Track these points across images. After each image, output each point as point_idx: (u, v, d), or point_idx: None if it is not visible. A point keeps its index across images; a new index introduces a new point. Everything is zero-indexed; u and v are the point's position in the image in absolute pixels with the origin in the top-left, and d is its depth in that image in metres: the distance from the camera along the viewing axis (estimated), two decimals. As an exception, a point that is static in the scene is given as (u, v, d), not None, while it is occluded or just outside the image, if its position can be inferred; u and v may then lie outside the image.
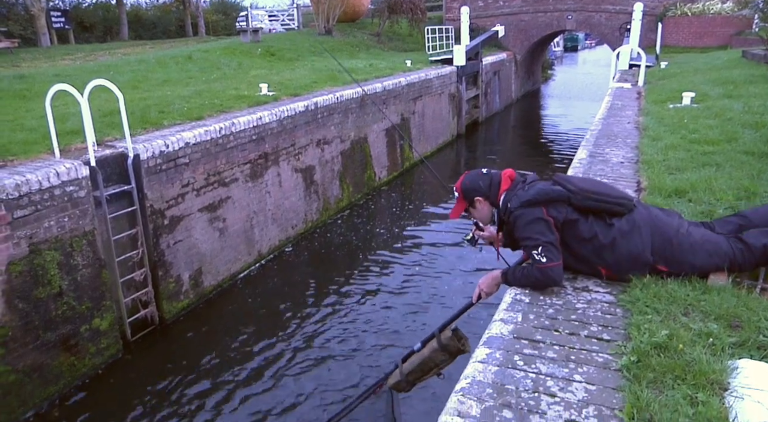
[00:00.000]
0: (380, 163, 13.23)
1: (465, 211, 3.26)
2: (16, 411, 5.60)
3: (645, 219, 2.93)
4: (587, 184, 2.97)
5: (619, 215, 2.92)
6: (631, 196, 3.03)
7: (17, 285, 5.60)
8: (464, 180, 3.23)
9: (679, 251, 2.89)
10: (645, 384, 2.13)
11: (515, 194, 2.99)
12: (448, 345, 3.53)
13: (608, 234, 2.89)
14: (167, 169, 7.25)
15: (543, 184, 3.00)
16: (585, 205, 2.89)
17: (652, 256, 2.90)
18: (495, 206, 3.13)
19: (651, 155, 5.72)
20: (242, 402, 6.00)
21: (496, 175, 3.17)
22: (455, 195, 3.27)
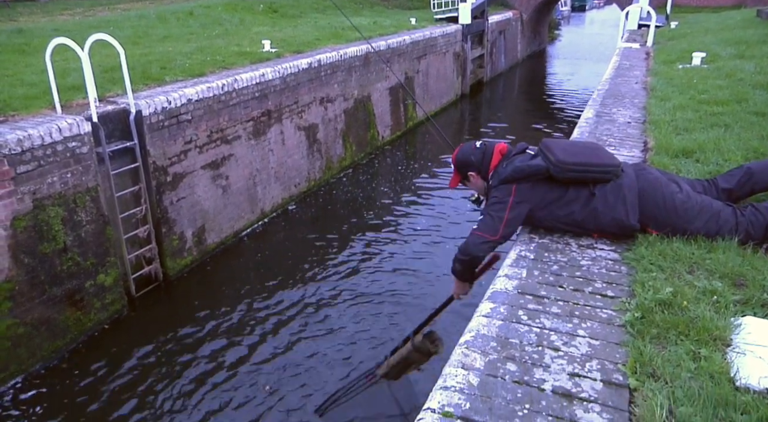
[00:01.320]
0: (384, 122, 13.12)
1: (460, 182, 3.28)
2: (26, 362, 5.71)
3: (632, 185, 2.89)
4: (571, 154, 2.89)
5: (604, 181, 2.89)
6: (618, 161, 2.95)
7: (22, 240, 5.63)
8: (458, 154, 3.23)
9: (674, 216, 2.87)
10: (648, 339, 2.14)
11: (497, 172, 3.01)
12: (421, 347, 3.83)
13: (588, 204, 2.88)
14: (169, 126, 7.19)
15: (521, 159, 2.97)
16: (565, 176, 2.85)
17: (641, 221, 2.89)
18: (486, 181, 3.14)
19: (658, 115, 5.64)
20: (244, 357, 6.09)
21: (489, 149, 3.14)
22: (452, 167, 3.29)
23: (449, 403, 1.77)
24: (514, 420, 1.72)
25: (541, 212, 2.96)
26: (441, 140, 12.45)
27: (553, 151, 2.90)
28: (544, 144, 3.01)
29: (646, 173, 3.02)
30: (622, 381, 1.93)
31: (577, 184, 2.89)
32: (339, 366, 5.92)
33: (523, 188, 2.89)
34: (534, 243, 2.95)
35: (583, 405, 1.80)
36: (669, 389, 1.87)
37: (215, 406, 5.42)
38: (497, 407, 1.76)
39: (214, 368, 5.94)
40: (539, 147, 3.04)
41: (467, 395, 1.81)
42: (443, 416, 1.71)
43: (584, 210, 2.90)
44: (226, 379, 5.77)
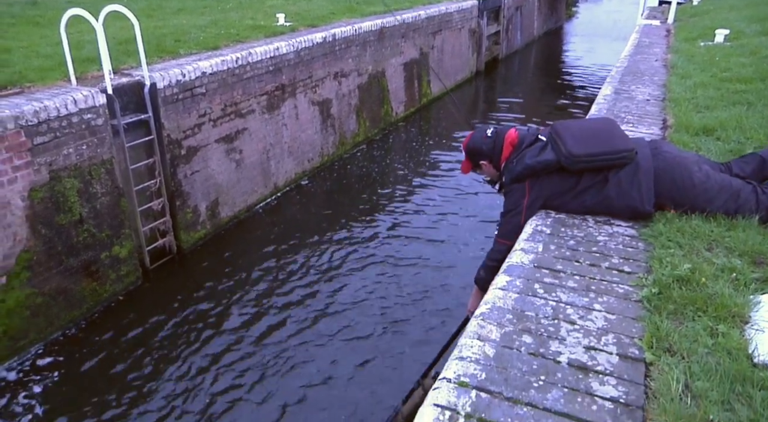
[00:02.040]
0: (398, 98, 13.02)
1: (472, 169, 3.27)
2: (44, 331, 5.81)
3: (647, 167, 2.84)
4: (582, 143, 2.84)
5: (619, 167, 2.84)
6: (632, 144, 2.89)
7: (40, 211, 5.69)
8: (469, 142, 3.20)
9: (692, 196, 2.84)
10: (665, 315, 2.13)
11: (508, 168, 2.99)
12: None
13: (601, 191, 2.86)
14: (184, 99, 7.18)
15: (531, 153, 2.92)
16: (577, 167, 2.83)
17: (659, 202, 2.86)
18: (498, 170, 3.12)
19: (678, 93, 5.56)
20: (257, 329, 6.16)
21: (500, 138, 3.09)
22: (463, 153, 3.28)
23: (465, 373, 1.77)
24: (529, 391, 1.72)
25: (555, 202, 2.96)
26: (459, 116, 12.33)
27: (564, 139, 2.85)
28: (555, 130, 2.95)
29: (663, 153, 2.96)
30: (638, 356, 1.93)
31: (590, 171, 2.86)
32: (352, 338, 5.97)
33: (536, 184, 2.90)
34: (550, 218, 2.93)
35: (599, 378, 1.80)
36: (686, 364, 1.87)
37: (227, 377, 5.49)
38: (513, 378, 1.77)
39: (227, 339, 6.01)
40: (550, 133, 2.97)
41: (483, 366, 1.81)
42: (459, 386, 1.72)
43: (597, 197, 2.88)
44: (239, 350, 5.84)
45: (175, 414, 5.07)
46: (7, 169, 5.41)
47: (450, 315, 6.21)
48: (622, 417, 1.65)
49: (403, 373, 5.38)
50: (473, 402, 1.67)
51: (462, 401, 1.67)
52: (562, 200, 2.92)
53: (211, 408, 5.13)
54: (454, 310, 6.25)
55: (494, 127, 3.19)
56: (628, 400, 1.72)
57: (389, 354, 5.76)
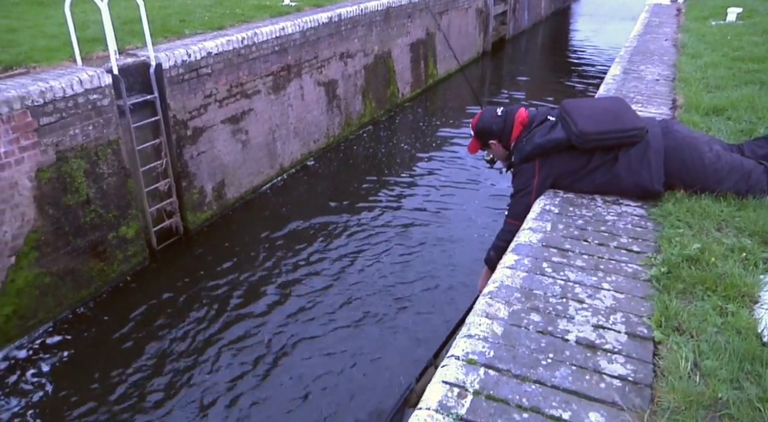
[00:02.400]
0: (404, 78, 12.92)
1: (481, 149, 3.23)
2: (53, 310, 5.86)
3: (657, 147, 2.81)
4: (592, 121, 2.81)
5: (629, 145, 2.81)
6: (642, 123, 2.86)
7: (47, 191, 5.70)
8: (478, 122, 3.16)
9: (702, 176, 2.81)
10: (674, 294, 2.13)
11: (517, 148, 2.97)
12: None
13: (611, 170, 2.84)
14: (189, 79, 7.15)
15: (541, 132, 2.90)
16: (588, 146, 2.80)
17: (669, 182, 2.84)
18: (507, 149, 3.10)
19: (689, 73, 5.49)
20: (263, 310, 6.19)
21: (510, 117, 3.06)
22: (471, 133, 3.24)
23: (473, 351, 1.77)
24: (537, 369, 1.72)
25: (565, 181, 2.94)
26: (472, 93, 12.19)
27: (574, 117, 2.82)
28: (565, 108, 2.92)
29: (674, 132, 2.94)
30: (647, 334, 1.92)
31: (600, 149, 2.84)
32: (360, 317, 6.00)
33: (545, 163, 2.88)
34: (559, 197, 2.91)
35: (607, 356, 1.80)
36: (694, 343, 1.86)
37: (234, 355, 5.54)
38: (521, 356, 1.77)
39: (234, 318, 6.05)
40: (559, 112, 2.95)
41: (491, 343, 1.81)
42: (467, 363, 1.72)
43: (606, 176, 2.86)
44: (245, 329, 5.88)
45: (182, 391, 5.12)
46: (14, 150, 5.41)
47: (458, 293, 6.23)
48: (630, 394, 1.65)
49: (414, 351, 5.41)
50: (481, 379, 1.67)
51: (470, 378, 1.67)
52: (572, 179, 2.90)
53: (217, 385, 5.19)
54: (463, 289, 6.26)
55: (504, 107, 3.16)
56: (637, 378, 1.72)
57: (399, 332, 5.78)
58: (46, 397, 5.04)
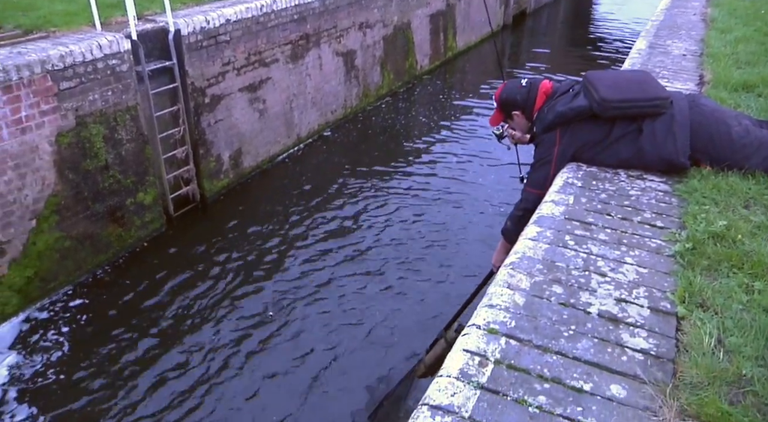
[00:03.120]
0: (423, 50, 12.75)
1: (503, 121, 3.20)
2: (73, 274, 5.95)
3: (683, 120, 2.74)
4: (616, 89, 2.76)
5: (653, 116, 2.75)
6: (667, 93, 2.80)
7: (67, 156, 5.74)
8: (502, 92, 3.13)
9: (729, 151, 2.74)
10: (699, 270, 2.09)
11: (539, 118, 2.93)
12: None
13: (635, 142, 2.77)
14: (208, 46, 7.10)
15: (563, 101, 2.86)
16: (610, 114, 2.74)
17: (694, 157, 2.77)
18: (530, 121, 3.06)
19: (718, 48, 5.34)
20: (279, 278, 6.25)
21: (534, 88, 3.02)
22: (494, 104, 3.20)
23: (495, 321, 1.77)
24: (559, 340, 1.71)
25: (587, 153, 2.89)
26: (495, 65, 11.98)
27: (597, 86, 2.77)
28: (588, 78, 2.88)
29: (701, 106, 2.87)
30: (670, 310, 1.90)
31: (623, 119, 2.78)
32: (371, 286, 6.03)
33: (567, 131, 2.83)
34: (582, 170, 2.87)
35: (630, 330, 1.79)
36: (719, 319, 1.84)
37: (251, 321, 5.61)
38: (543, 327, 1.76)
39: (250, 285, 6.11)
40: (583, 82, 2.91)
41: (513, 314, 1.80)
42: (488, 333, 1.72)
43: (630, 148, 2.80)
44: (262, 296, 5.95)
45: (195, 355, 5.21)
46: (35, 114, 5.44)
47: (471, 267, 6.23)
48: (652, 368, 1.64)
49: (426, 323, 5.44)
50: (503, 348, 1.66)
51: (491, 347, 1.67)
52: (594, 151, 2.85)
53: (231, 347, 5.27)
54: (475, 263, 6.26)
55: (528, 78, 3.12)
56: (659, 352, 1.70)
57: (410, 302, 5.81)
58: (65, 356, 5.15)
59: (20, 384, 4.84)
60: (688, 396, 1.54)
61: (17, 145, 5.33)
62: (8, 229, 5.35)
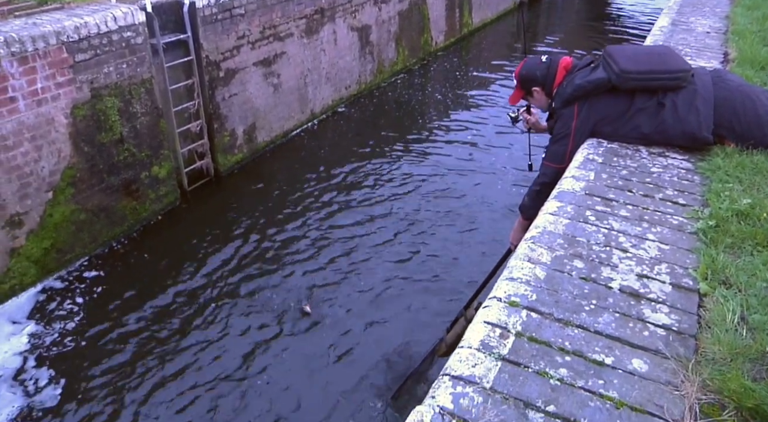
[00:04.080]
0: (438, 26, 12.60)
1: (523, 98, 3.17)
2: (88, 246, 6.01)
3: (707, 94, 2.68)
4: (635, 61, 2.71)
5: (673, 89, 2.70)
6: (688, 65, 2.75)
7: (82, 129, 5.75)
8: (522, 68, 3.09)
9: (755, 127, 2.68)
10: (722, 248, 2.07)
11: (558, 93, 2.89)
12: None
13: (657, 115, 2.72)
14: (223, 19, 7.05)
15: (582, 75, 2.82)
16: (629, 85, 2.69)
17: (717, 133, 2.72)
18: (550, 97, 3.02)
19: (744, 25, 5.23)
20: (292, 250, 6.27)
21: (554, 64, 2.99)
22: (514, 82, 3.16)
23: (515, 293, 1.76)
24: (580, 314, 1.70)
25: (607, 128, 2.85)
26: (512, 42, 11.82)
27: (616, 58, 2.73)
28: (607, 52, 2.84)
29: (726, 81, 2.80)
30: (692, 286, 1.88)
31: (643, 92, 2.73)
32: (388, 262, 6.03)
33: (585, 106, 2.79)
34: (603, 147, 2.83)
35: (651, 305, 1.77)
36: (742, 296, 1.82)
37: (265, 293, 5.65)
38: (563, 300, 1.75)
39: (262, 259, 6.14)
40: (602, 55, 2.87)
41: (534, 287, 1.79)
42: (509, 305, 1.71)
43: (652, 122, 2.75)
44: (276, 269, 5.98)
45: (212, 325, 5.26)
46: (50, 86, 5.44)
47: (486, 245, 6.21)
48: (674, 343, 1.63)
49: (441, 302, 5.45)
50: (524, 321, 1.66)
51: (513, 319, 1.66)
52: (614, 126, 2.81)
53: (248, 320, 5.32)
54: (490, 241, 6.25)
55: (548, 56, 3.09)
56: (681, 328, 1.69)
57: (428, 281, 5.81)
58: (82, 325, 5.23)
59: (40, 351, 4.93)
60: (710, 372, 1.53)
61: (33, 117, 5.34)
62: (25, 201, 5.39)
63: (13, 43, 5.04)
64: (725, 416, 1.43)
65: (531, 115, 3.39)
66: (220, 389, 4.65)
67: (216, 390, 4.64)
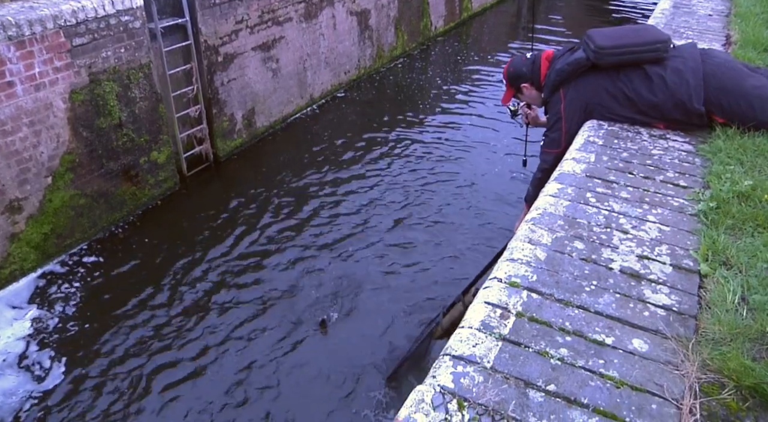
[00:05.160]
0: (438, 11, 12.50)
1: (514, 96, 3.20)
2: (88, 231, 6.00)
3: (696, 67, 2.68)
4: (612, 39, 2.75)
5: (656, 61, 2.71)
6: (666, 36, 2.76)
7: (80, 114, 5.72)
8: (509, 67, 3.15)
9: (743, 102, 2.66)
10: (722, 229, 2.07)
11: (545, 83, 2.95)
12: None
13: (646, 89, 2.73)
14: (221, 4, 6.98)
15: (563, 60, 2.86)
16: (608, 61, 2.72)
17: (707, 108, 2.71)
18: (540, 91, 3.05)
19: (746, 7, 5.19)
20: (291, 235, 6.27)
21: (538, 58, 3.04)
22: (504, 82, 3.21)
23: (516, 274, 1.76)
24: (581, 295, 1.70)
25: (599, 107, 2.86)
26: (513, 27, 11.72)
27: (594, 38, 2.78)
28: (587, 34, 2.89)
29: (713, 57, 2.80)
30: (693, 267, 1.88)
31: (627, 67, 2.73)
32: (389, 248, 6.04)
33: (571, 88, 2.81)
34: (603, 129, 2.82)
35: (652, 286, 1.77)
36: (743, 277, 1.82)
37: (258, 277, 5.66)
38: (564, 281, 1.75)
39: (261, 244, 6.13)
40: (583, 38, 2.91)
41: (534, 268, 1.79)
42: (510, 286, 1.71)
43: (642, 96, 2.76)
44: (274, 254, 5.97)
45: (210, 310, 5.27)
46: (48, 70, 5.40)
47: (486, 233, 6.22)
48: (674, 324, 1.63)
49: (444, 280, 5.48)
50: (524, 301, 1.66)
51: (513, 300, 1.66)
52: (607, 105, 2.83)
53: (245, 303, 5.33)
54: (491, 229, 6.25)
55: (533, 53, 3.14)
56: (681, 309, 1.69)
57: (427, 266, 5.82)
58: (82, 309, 5.24)
59: (43, 335, 4.95)
60: (710, 351, 1.54)
61: (31, 102, 5.31)
62: (25, 186, 5.38)
63: (9, 27, 5.00)
64: (725, 395, 1.44)
65: (531, 109, 3.43)
66: (219, 369, 4.68)
67: (215, 370, 4.67)
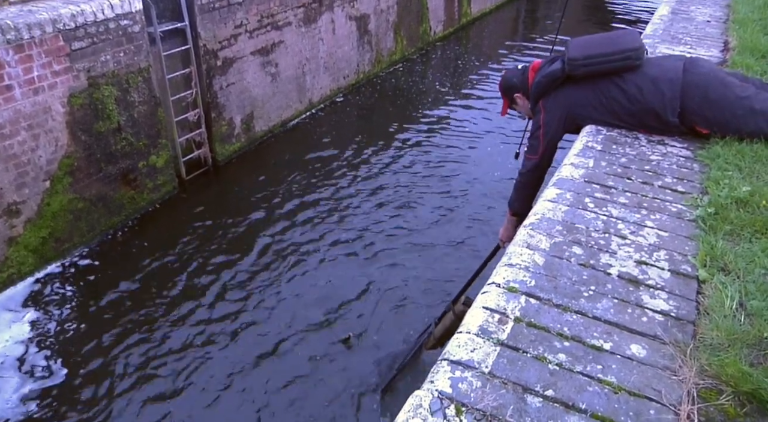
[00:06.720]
0: (437, 16, 12.54)
1: (510, 108, 3.24)
2: (86, 235, 6.00)
3: (674, 78, 2.66)
4: (583, 48, 2.73)
5: (630, 69, 2.71)
6: (639, 43, 2.74)
7: (79, 117, 5.72)
8: (502, 80, 3.19)
9: (728, 113, 2.64)
10: (720, 235, 2.07)
11: (530, 94, 2.98)
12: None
13: (623, 98, 2.73)
14: (220, 8, 7.00)
15: (540, 73, 2.88)
16: (581, 72, 2.72)
17: (687, 118, 2.70)
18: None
19: (745, 14, 5.21)
20: (290, 239, 6.27)
21: (527, 68, 3.07)
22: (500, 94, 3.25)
23: (514, 279, 1.76)
24: (579, 300, 1.70)
25: (581, 117, 2.89)
26: (512, 32, 11.81)
27: (569, 48, 2.76)
28: (567, 43, 2.87)
29: (698, 66, 2.76)
30: (691, 273, 1.88)
31: (601, 76, 2.73)
32: (383, 251, 6.04)
33: (550, 100, 2.83)
34: (601, 134, 2.82)
35: (650, 292, 1.77)
36: (741, 283, 1.82)
37: (257, 281, 5.65)
38: (562, 286, 1.75)
39: (259, 248, 6.13)
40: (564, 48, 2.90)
41: (532, 273, 1.79)
42: (508, 291, 1.71)
43: (620, 105, 2.76)
44: (273, 257, 5.98)
45: (210, 313, 5.26)
46: (47, 74, 5.41)
47: (477, 239, 6.22)
48: (672, 329, 1.63)
49: (440, 283, 5.48)
50: (522, 307, 1.66)
51: (511, 305, 1.66)
52: (587, 114, 2.86)
53: (242, 308, 5.32)
54: (482, 235, 6.26)
55: (524, 64, 3.18)
56: (679, 314, 1.69)
57: (428, 272, 5.81)
58: (81, 313, 5.23)
59: (41, 338, 4.94)
60: (708, 357, 1.53)
61: (30, 106, 5.31)
62: (23, 190, 5.38)
63: (8, 31, 5.00)
64: (723, 400, 1.43)
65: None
66: (216, 368, 4.68)
67: (212, 370, 4.67)
